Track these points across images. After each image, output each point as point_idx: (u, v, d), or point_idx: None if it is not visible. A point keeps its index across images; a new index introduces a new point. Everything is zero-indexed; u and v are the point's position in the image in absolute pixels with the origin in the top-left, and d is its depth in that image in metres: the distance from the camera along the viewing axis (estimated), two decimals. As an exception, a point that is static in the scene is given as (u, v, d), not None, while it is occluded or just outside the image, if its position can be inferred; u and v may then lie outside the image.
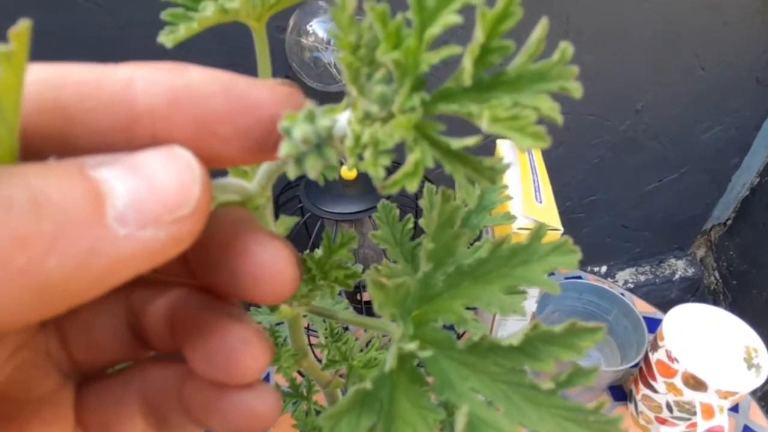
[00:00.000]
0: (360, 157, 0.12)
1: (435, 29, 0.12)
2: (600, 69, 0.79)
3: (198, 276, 0.16)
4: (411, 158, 0.12)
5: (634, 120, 0.88)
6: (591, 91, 0.82)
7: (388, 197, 0.26)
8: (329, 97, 0.61)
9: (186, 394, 0.16)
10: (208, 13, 0.15)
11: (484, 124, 0.12)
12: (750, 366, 0.57)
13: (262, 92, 0.13)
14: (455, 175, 0.13)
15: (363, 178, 0.59)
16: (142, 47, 0.34)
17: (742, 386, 0.53)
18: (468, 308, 0.17)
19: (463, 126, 0.13)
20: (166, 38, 0.15)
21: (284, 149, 0.12)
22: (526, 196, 0.53)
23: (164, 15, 0.15)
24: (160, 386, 0.16)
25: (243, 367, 0.15)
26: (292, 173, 0.13)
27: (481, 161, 0.13)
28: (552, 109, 0.12)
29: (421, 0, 0.12)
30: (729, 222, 1.12)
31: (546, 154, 0.61)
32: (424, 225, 0.21)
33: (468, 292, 0.17)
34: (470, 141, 0.12)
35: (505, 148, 0.60)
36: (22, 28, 0.10)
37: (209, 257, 0.15)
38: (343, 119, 0.13)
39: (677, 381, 0.55)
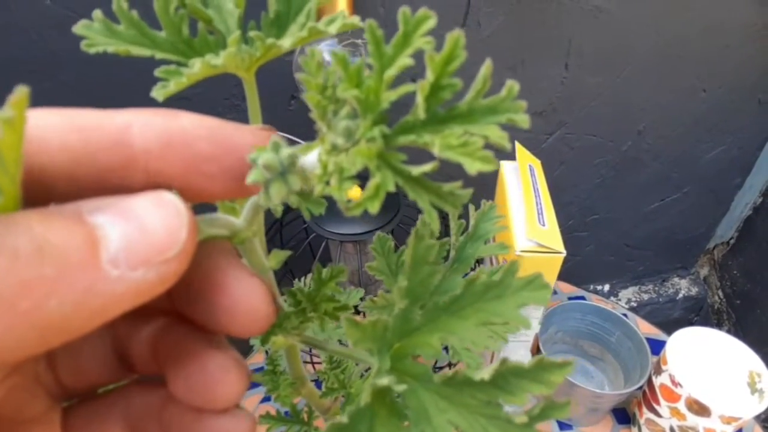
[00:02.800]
0: (327, 183, 0.14)
1: (392, 71, 0.14)
2: (602, 90, 0.80)
3: (179, 307, 0.17)
4: (372, 183, 0.13)
5: (636, 140, 0.89)
6: (593, 112, 0.82)
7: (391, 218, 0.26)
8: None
9: (166, 416, 0.17)
10: (195, 70, 0.16)
11: (436, 150, 0.13)
12: (753, 391, 0.56)
13: (244, 136, 0.15)
14: (419, 201, 0.14)
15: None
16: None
17: (746, 411, 0.53)
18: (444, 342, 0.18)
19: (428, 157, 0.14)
20: (158, 93, 0.16)
21: (251, 176, 0.14)
22: (529, 219, 0.53)
23: (157, 72, 0.16)
24: (143, 408, 0.17)
25: (221, 394, 0.16)
26: (263, 200, 0.14)
27: (441, 187, 0.14)
28: (500, 138, 0.13)
29: (379, 47, 0.14)
30: (732, 241, 1.12)
31: (549, 174, 0.61)
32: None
33: (444, 327, 0.17)
34: (427, 167, 0.13)
35: (508, 171, 0.61)
36: (20, 96, 0.11)
37: (189, 290, 0.16)
38: (314, 153, 0.14)
39: (681, 406, 0.55)
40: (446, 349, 0.42)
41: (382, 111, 0.14)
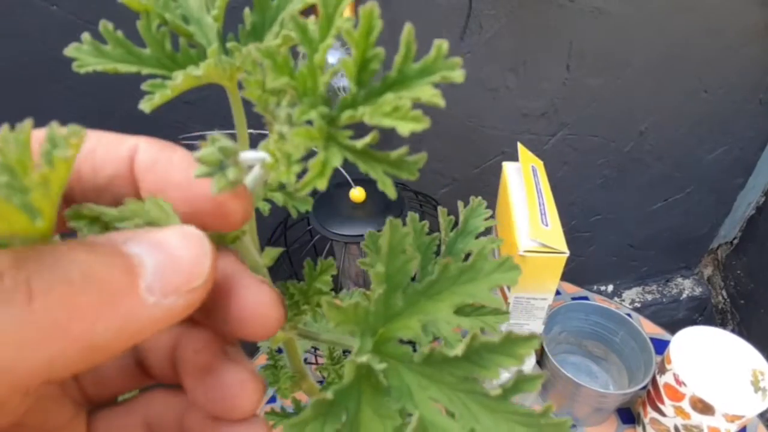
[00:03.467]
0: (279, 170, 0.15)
1: (319, 55, 0.15)
2: (603, 91, 0.81)
3: (193, 314, 0.18)
4: (315, 160, 0.14)
5: (638, 141, 0.89)
6: (595, 113, 0.83)
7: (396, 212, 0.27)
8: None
9: (186, 423, 0.18)
10: (177, 81, 0.16)
11: (366, 119, 0.14)
12: (757, 389, 0.56)
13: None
14: (371, 173, 0.15)
15: (371, 201, 0.60)
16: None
17: (750, 410, 0.53)
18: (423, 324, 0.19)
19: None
20: (145, 105, 0.17)
21: (196, 171, 0.15)
22: (532, 220, 0.53)
23: (144, 86, 0.17)
24: (163, 414, 0.18)
25: (239, 406, 0.17)
26: (213, 193, 0.15)
27: (389, 155, 0.15)
28: (433, 95, 0.14)
29: (306, 34, 0.15)
30: (735, 241, 1.12)
31: (551, 174, 0.62)
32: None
33: (422, 309, 0.18)
34: (368, 139, 0.14)
35: (511, 172, 0.61)
36: (79, 136, 0.12)
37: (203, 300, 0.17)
38: (260, 150, 0.15)
39: (685, 405, 0.55)
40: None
41: (321, 94, 0.15)
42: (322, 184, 0.14)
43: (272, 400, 0.70)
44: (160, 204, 0.15)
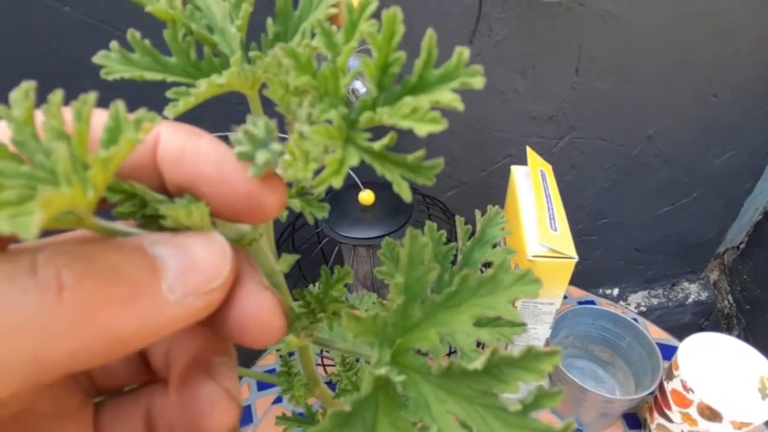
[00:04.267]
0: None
1: (342, 57, 0.15)
2: (612, 95, 0.80)
3: None
4: (333, 158, 0.14)
5: (646, 145, 0.89)
6: (603, 116, 0.83)
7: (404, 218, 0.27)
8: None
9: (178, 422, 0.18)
10: (201, 89, 0.17)
11: (385, 119, 0.14)
12: (764, 396, 0.56)
13: (243, 177, 0.16)
14: (387, 175, 0.15)
15: (380, 204, 0.60)
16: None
17: (757, 417, 0.53)
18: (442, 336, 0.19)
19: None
20: (169, 112, 0.17)
21: (238, 149, 0.15)
22: (541, 224, 0.53)
23: (168, 93, 0.17)
24: (164, 408, 0.19)
25: (207, 426, 0.17)
26: (253, 172, 0.15)
27: (406, 159, 0.15)
28: (452, 100, 0.14)
29: (330, 38, 0.15)
30: (742, 246, 1.12)
31: (559, 178, 0.62)
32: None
33: (441, 321, 0.18)
34: (386, 141, 0.14)
35: (519, 176, 0.61)
36: (152, 121, 0.13)
37: None
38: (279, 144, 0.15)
39: (692, 411, 0.55)
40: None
41: (342, 95, 0.15)
42: (338, 182, 0.14)
43: (278, 400, 0.70)
44: (193, 210, 0.15)
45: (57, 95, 0.12)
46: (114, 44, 0.17)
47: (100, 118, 0.13)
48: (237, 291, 0.16)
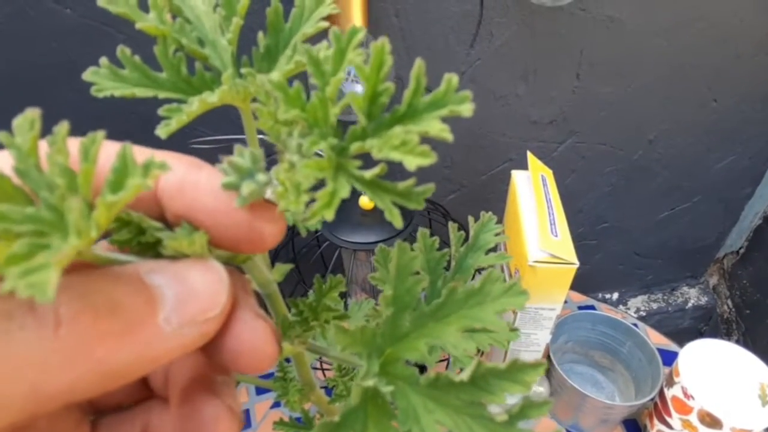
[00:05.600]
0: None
1: (331, 88, 0.15)
2: (613, 100, 0.80)
3: None
4: (324, 191, 0.14)
5: (646, 149, 0.89)
6: (604, 121, 0.83)
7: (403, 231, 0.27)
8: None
9: None
10: (193, 108, 0.17)
11: (375, 152, 0.14)
12: (765, 403, 0.56)
13: (240, 210, 0.16)
14: (378, 202, 0.15)
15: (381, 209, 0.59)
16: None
17: (757, 424, 0.53)
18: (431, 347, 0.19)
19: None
20: (161, 131, 0.17)
21: (224, 180, 0.15)
22: (541, 230, 0.53)
23: (160, 111, 0.17)
24: (160, 426, 0.19)
25: None
26: (238, 203, 0.15)
27: (397, 186, 0.15)
28: (441, 130, 0.14)
29: (319, 68, 0.15)
30: (742, 251, 1.12)
31: (559, 182, 0.62)
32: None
33: (430, 332, 0.18)
34: (376, 170, 0.14)
35: (520, 181, 0.61)
36: (162, 168, 0.12)
37: None
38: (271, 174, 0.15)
39: (693, 418, 0.55)
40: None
41: (331, 125, 0.15)
42: (329, 215, 0.14)
43: (276, 405, 0.70)
44: (195, 240, 0.15)
45: (63, 127, 0.12)
46: (104, 60, 0.17)
47: (105, 150, 0.13)
48: (231, 319, 0.16)
